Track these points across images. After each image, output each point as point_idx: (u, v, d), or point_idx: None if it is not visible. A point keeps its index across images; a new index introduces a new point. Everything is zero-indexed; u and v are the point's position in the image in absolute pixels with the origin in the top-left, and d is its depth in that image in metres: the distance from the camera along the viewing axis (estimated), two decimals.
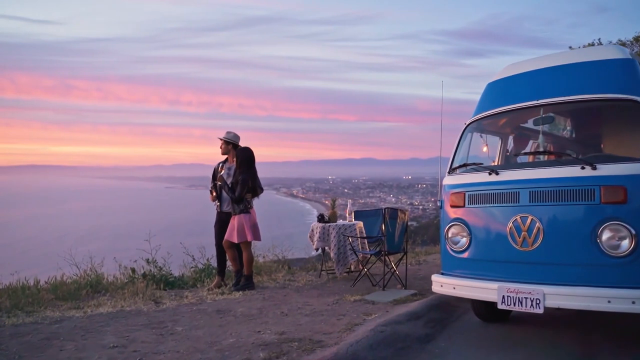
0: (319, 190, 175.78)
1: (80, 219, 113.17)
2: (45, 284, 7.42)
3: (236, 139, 7.49)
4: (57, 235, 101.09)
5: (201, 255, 8.85)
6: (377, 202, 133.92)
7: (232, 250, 7.21)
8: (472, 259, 4.55)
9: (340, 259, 7.62)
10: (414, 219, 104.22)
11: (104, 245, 40.33)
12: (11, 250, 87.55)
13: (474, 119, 5.08)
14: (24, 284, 7.22)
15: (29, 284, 7.31)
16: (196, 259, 8.91)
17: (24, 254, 79.89)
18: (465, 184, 4.67)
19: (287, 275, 8.36)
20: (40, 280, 8.29)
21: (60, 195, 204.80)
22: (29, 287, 7.09)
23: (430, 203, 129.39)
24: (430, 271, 8.41)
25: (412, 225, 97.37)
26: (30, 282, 7.27)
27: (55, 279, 7.69)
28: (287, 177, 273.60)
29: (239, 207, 7.04)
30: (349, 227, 7.71)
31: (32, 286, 7.14)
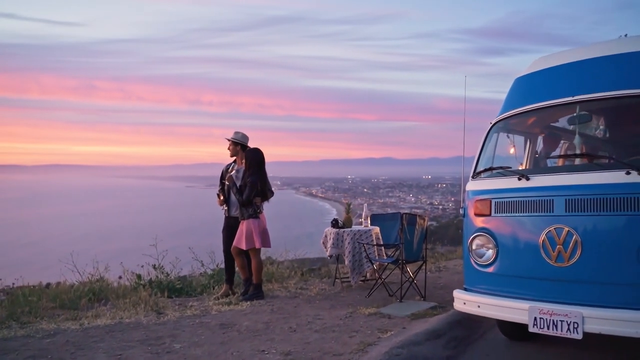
0: (338, 189, 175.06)
1: (104, 218, 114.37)
2: (49, 289, 7.14)
3: (245, 140, 7.09)
4: (81, 234, 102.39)
5: (210, 260, 8.51)
6: (397, 202, 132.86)
7: (240, 258, 6.82)
8: (499, 274, 4.07)
9: (355, 267, 7.17)
10: (434, 218, 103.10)
11: (127, 245, 40.39)
12: (36, 249, 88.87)
13: (501, 118, 4.60)
14: (26, 291, 6.94)
15: (35, 288, 7.05)
16: (205, 264, 8.57)
17: (49, 253, 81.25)
18: (491, 190, 4.19)
19: (300, 283, 7.94)
20: (49, 283, 8.05)
21: (83, 194, 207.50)
22: (33, 292, 6.82)
23: (450, 203, 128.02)
24: (451, 279, 7.93)
25: (431, 225, 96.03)
26: (36, 284, 7.01)
27: (59, 285, 7.40)
28: (307, 176, 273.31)
29: (248, 212, 6.63)
30: (364, 233, 7.25)
31: (35, 292, 6.86)
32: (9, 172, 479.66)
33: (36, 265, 72.60)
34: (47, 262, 63.76)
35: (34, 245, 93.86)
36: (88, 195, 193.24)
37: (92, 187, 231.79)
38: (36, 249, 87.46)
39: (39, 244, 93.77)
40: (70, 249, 28.71)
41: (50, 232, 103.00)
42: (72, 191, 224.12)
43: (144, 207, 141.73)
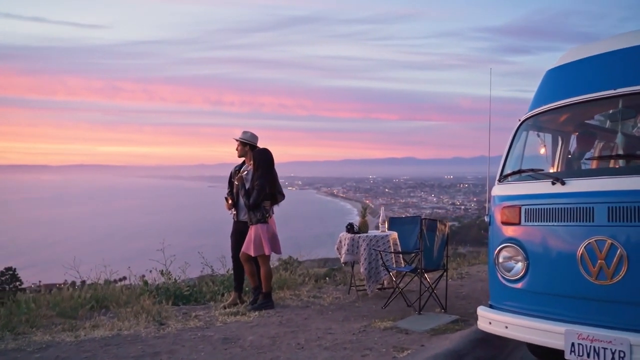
0: (360, 189, 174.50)
1: (128, 218, 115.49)
2: (51, 294, 6.86)
3: (253, 139, 6.69)
4: (107, 233, 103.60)
5: (221, 265, 8.17)
6: (418, 202, 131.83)
7: (249, 264, 6.42)
8: (530, 290, 3.60)
9: (371, 275, 6.72)
10: (456, 219, 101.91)
11: (151, 244, 40.81)
12: (62, 248, 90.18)
13: (531, 115, 4.11)
14: (28, 297, 6.67)
15: (40, 292, 6.78)
16: (216, 269, 8.24)
17: (75, 252, 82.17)
18: (521, 196, 3.72)
19: (313, 290, 7.52)
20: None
21: (107, 194, 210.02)
22: (36, 298, 6.55)
23: (472, 203, 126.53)
24: (474, 288, 7.43)
25: (453, 226, 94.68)
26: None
27: (61, 289, 7.10)
28: (328, 176, 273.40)
29: (256, 216, 6.23)
30: (381, 239, 6.80)
31: (38, 298, 6.58)
32: (36, 172, 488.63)
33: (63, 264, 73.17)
34: (80, 259, 64.11)
35: (60, 244, 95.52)
36: (112, 195, 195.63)
37: (116, 187, 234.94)
38: (63, 248, 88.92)
39: (65, 243, 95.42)
40: (95, 247, 29.46)
41: (77, 231, 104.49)
42: (97, 191, 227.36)
43: (167, 206, 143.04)
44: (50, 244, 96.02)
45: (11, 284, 44.59)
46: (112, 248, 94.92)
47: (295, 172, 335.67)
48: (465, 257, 16.32)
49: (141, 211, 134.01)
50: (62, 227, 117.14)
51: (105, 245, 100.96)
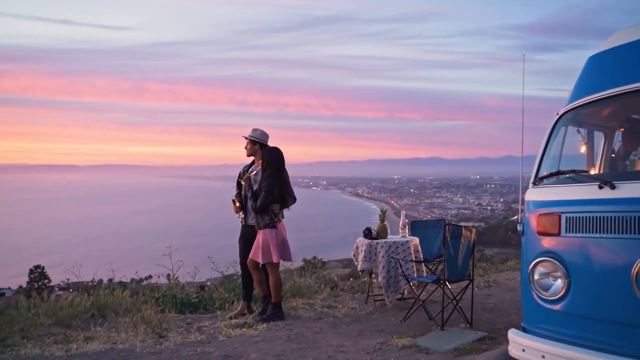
0: (385, 189, 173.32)
1: (154, 217, 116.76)
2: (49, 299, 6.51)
3: (263, 137, 6.22)
4: (134, 232, 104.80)
5: (234, 271, 7.76)
6: (444, 202, 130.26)
7: (258, 272, 5.96)
8: (572, 313, 3.05)
9: (390, 285, 6.19)
10: (482, 219, 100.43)
11: (176, 243, 40.81)
12: (92, 246, 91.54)
13: (571, 107, 3.56)
14: (31, 303, 6.33)
15: (43, 299, 6.44)
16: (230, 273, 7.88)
17: (105, 250, 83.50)
18: (561, 202, 3.18)
19: (328, 299, 7.03)
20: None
21: (134, 193, 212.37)
22: (36, 305, 6.20)
23: (499, 204, 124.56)
24: (503, 298, 6.85)
25: (479, 227, 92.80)
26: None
27: (62, 297, 6.75)
28: (353, 176, 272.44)
29: (264, 221, 5.76)
30: (401, 245, 6.27)
31: (39, 305, 6.24)
32: (64, 171, 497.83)
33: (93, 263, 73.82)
34: (103, 260, 64.89)
35: (90, 242, 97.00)
36: (139, 195, 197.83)
37: (142, 187, 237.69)
38: (93, 246, 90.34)
39: (95, 242, 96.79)
40: (124, 246, 29.64)
41: (105, 230, 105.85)
42: (124, 191, 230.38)
43: (192, 206, 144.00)
44: (79, 243, 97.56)
45: (40, 281, 44.65)
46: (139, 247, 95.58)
47: (319, 172, 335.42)
48: (492, 261, 15.56)
49: (168, 211, 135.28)
50: (91, 226, 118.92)
51: (133, 244, 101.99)
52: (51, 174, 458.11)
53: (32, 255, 71.87)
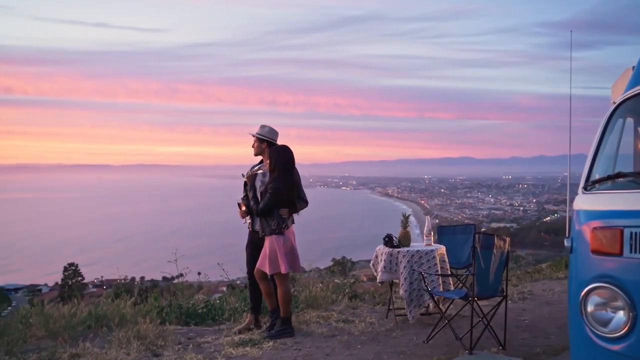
0: (415, 189, 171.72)
1: (188, 216, 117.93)
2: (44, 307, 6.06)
3: (272, 135, 5.64)
4: (169, 231, 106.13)
5: None
6: (475, 203, 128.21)
7: (266, 283, 5.39)
8: (637, 357, 2.38)
9: (412, 299, 5.55)
10: (514, 220, 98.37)
11: (211, 242, 40.55)
12: (128, 244, 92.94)
13: (632, 94, 2.88)
14: (28, 311, 5.90)
15: (45, 306, 6.01)
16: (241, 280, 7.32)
17: (140, 248, 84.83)
18: (623, 213, 2.51)
19: (346, 311, 6.42)
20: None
21: (167, 193, 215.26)
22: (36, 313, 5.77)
23: (531, 204, 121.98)
24: (540, 314, 6.12)
25: (512, 227, 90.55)
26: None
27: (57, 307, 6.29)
28: (383, 176, 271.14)
29: (270, 226, 5.19)
30: (425, 255, 5.61)
31: (37, 314, 5.79)
32: (99, 171, 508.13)
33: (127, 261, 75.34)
34: (136, 258, 66.35)
35: (126, 240, 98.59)
36: (172, 194, 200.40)
37: (175, 186, 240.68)
38: (129, 244, 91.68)
39: (129, 240, 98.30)
40: (159, 245, 29.80)
41: (140, 229, 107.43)
42: (157, 190, 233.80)
43: (224, 205, 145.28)
44: (114, 241, 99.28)
45: (73, 278, 45.10)
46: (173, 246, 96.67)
47: (349, 172, 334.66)
48: (524, 266, 14.58)
49: (200, 210, 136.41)
50: (125, 225, 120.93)
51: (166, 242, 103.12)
52: (87, 173, 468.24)
53: (69, 252, 73.25)
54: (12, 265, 79.68)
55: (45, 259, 76.64)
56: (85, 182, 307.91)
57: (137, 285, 55.26)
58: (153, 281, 59.75)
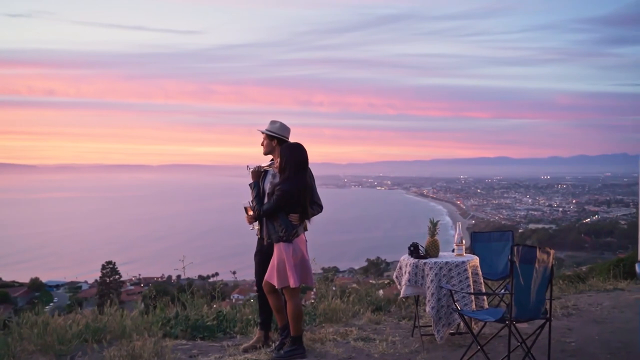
0: (450, 190, 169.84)
1: (224, 215, 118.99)
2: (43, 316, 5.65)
3: (283, 132, 5.07)
4: (205, 230, 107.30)
5: None
6: (512, 203, 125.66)
7: (275, 296, 4.82)
8: None
9: (441, 317, 4.90)
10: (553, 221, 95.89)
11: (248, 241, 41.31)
12: (166, 243, 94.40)
13: None
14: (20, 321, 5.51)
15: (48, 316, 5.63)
16: None
17: (178, 247, 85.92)
18: None
19: (367, 327, 5.81)
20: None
21: (203, 192, 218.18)
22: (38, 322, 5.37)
23: (571, 205, 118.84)
24: (588, 335, 5.38)
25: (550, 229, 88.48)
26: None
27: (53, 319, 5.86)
28: (418, 176, 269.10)
29: (277, 232, 4.61)
30: (455, 267, 4.95)
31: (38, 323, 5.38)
32: (136, 171, 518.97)
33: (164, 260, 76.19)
34: (174, 257, 65.97)
35: (164, 239, 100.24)
36: (208, 194, 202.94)
37: (211, 186, 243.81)
38: (166, 243, 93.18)
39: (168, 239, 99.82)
40: (196, 244, 30.02)
41: (178, 228, 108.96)
42: (193, 189, 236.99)
43: None
44: (152, 240, 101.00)
45: (111, 277, 46.14)
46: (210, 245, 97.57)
47: (384, 172, 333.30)
48: (565, 268, 13.59)
49: (235, 209, 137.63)
50: (162, 224, 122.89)
51: (203, 241, 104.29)
52: (124, 173, 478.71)
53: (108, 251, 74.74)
54: (56, 262, 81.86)
55: (86, 257, 78.35)
56: (123, 182, 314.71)
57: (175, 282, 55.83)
58: (189, 279, 60.41)
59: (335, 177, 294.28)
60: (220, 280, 67.24)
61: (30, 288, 55.60)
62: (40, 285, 57.43)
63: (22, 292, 53.69)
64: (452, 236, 5.38)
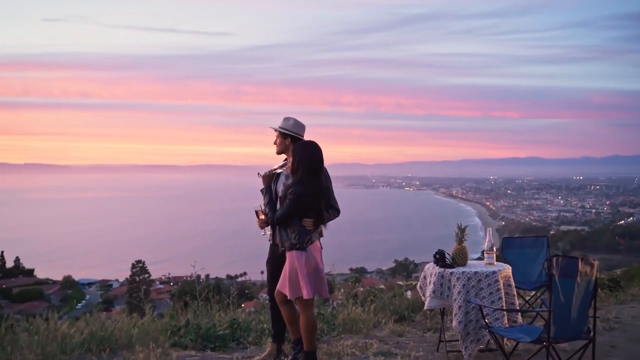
0: (480, 190, 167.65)
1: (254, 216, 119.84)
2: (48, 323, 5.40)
3: (297, 129, 4.67)
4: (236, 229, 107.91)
5: None
6: (544, 204, 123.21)
7: (287, 307, 4.44)
8: None
9: (469, 332, 4.45)
10: (586, 223, 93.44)
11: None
12: (198, 242, 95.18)
13: None
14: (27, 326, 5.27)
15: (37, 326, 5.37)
16: None
17: (210, 247, 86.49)
18: None
19: (389, 339, 5.39)
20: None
21: (232, 192, 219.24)
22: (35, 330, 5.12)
23: (604, 206, 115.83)
24: (634, 355, 4.87)
25: (582, 230, 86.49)
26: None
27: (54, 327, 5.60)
28: (446, 176, 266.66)
29: (290, 239, 4.23)
30: (485, 278, 4.49)
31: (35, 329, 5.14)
32: (167, 171, 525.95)
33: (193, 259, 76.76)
34: (203, 256, 66.99)
35: (196, 238, 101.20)
36: (238, 194, 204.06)
37: (241, 186, 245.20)
38: (196, 243, 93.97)
39: (198, 238, 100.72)
40: (226, 243, 29.96)
41: (209, 227, 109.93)
42: (223, 190, 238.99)
43: None
44: (188, 238, 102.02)
45: (140, 275, 46.92)
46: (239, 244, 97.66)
47: (412, 172, 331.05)
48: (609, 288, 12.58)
49: None
50: (193, 224, 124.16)
51: (233, 241, 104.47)
52: (155, 173, 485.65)
53: (140, 250, 75.72)
54: (89, 261, 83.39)
55: (117, 256, 79.47)
56: (154, 182, 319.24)
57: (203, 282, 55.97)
58: (217, 279, 60.58)
59: (364, 178, 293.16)
60: (248, 279, 67.27)
61: (64, 286, 56.71)
62: (73, 283, 58.52)
63: (56, 289, 54.81)
64: (481, 238, 4.96)
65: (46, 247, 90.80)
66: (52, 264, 74.72)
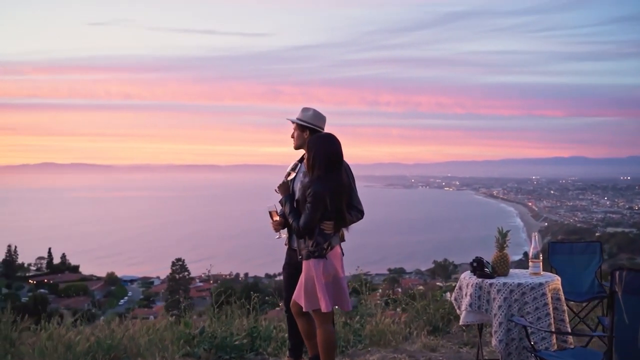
0: (522, 191, 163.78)
1: None
2: None
3: (317, 121, 4.19)
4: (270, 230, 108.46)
5: None
6: (588, 206, 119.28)
7: (304, 321, 3.96)
8: None
9: (511, 353, 3.87)
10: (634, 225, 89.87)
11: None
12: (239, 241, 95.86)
13: None
14: None
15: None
16: None
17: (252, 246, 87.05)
18: None
19: (421, 354, 4.88)
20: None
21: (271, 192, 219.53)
22: None
23: None
24: None
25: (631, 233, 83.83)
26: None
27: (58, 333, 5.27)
28: (487, 176, 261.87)
29: (307, 246, 3.74)
30: (530, 290, 3.89)
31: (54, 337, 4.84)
32: (206, 171, 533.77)
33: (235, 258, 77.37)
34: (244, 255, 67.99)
35: (237, 237, 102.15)
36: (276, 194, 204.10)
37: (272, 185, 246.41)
38: (240, 242, 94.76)
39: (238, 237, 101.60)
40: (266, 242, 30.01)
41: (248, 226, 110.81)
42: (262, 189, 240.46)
43: None
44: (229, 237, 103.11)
45: (180, 273, 47.56)
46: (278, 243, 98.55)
47: (452, 172, 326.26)
48: None
49: None
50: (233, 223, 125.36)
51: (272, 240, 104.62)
52: (195, 173, 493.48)
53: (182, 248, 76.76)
54: (132, 258, 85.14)
55: (159, 254, 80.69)
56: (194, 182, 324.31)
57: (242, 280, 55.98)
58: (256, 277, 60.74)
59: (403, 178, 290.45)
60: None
61: (107, 282, 58.13)
62: (116, 280, 59.83)
63: (99, 285, 56.29)
64: (523, 240, 4.41)
65: (90, 245, 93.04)
66: (96, 261, 76.45)
